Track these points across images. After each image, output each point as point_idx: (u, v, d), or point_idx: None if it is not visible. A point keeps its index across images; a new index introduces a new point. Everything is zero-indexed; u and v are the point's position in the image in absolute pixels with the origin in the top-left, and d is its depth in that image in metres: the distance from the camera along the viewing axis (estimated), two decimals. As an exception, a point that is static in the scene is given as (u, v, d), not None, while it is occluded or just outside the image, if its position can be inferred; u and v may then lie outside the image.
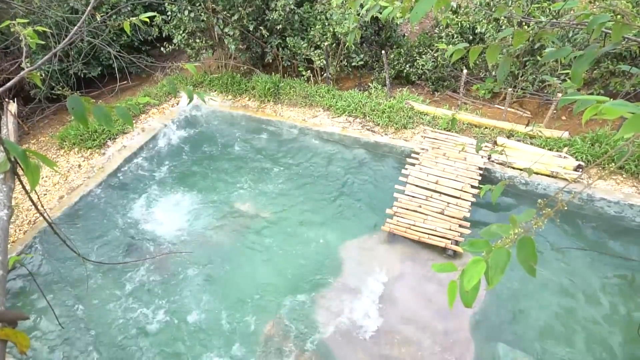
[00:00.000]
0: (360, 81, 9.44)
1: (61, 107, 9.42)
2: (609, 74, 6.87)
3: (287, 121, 8.25)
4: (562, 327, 5.03)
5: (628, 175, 6.36)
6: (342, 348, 4.95)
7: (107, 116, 2.15)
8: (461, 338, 4.97)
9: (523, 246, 1.33)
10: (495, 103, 8.25)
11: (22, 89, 8.90)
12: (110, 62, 8.75)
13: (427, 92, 8.90)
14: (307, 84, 8.91)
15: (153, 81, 10.36)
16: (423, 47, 8.72)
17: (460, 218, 6.05)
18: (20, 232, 6.49)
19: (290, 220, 6.65)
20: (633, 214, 5.97)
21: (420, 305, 5.33)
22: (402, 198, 6.40)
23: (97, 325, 5.42)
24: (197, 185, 7.42)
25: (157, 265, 6.03)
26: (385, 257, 5.94)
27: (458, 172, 6.57)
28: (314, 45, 8.63)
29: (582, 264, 5.65)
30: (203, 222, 6.71)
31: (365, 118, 8.08)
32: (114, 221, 6.81)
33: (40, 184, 7.41)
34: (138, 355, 5.05)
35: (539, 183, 6.39)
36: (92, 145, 8.06)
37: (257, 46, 9.09)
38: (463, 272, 1.39)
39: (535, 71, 7.35)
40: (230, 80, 9.31)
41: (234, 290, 5.69)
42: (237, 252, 6.22)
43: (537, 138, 6.95)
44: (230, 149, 8.21)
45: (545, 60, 2.61)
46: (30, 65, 2.11)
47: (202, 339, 5.19)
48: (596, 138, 6.68)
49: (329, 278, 5.74)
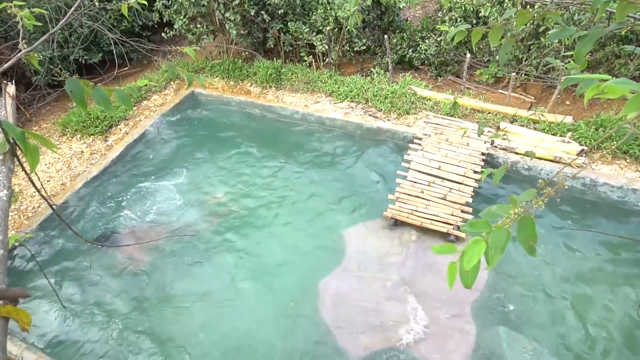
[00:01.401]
0: (363, 66, 9.36)
1: (63, 93, 9.41)
2: (614, 56, 6.78)
3: (289, 107, 8.21)
4: (566, 311, 5.05)
5: (632, 159, 6.32)
6: (342, 331, 5.00)
7: (106, 99, 2.14)
8: (462, 322, 5.01)
9: (523, 226, 1.33)
10: (498, 88, 8.17)
11: (24, 75, 8.88)
12: (111, 49, 8.70)
13: (430, 77, 8.83)
14: (309, 70, 8.85)
15: (154, 67, 10.31)
16: (426, 31, 8.62)
17: (462, 204, 6.05)
18: (24, 218, 6.54)
19: (293, 206, 6.66)
20: (636, 199, 5.94)
21: (422, 290, 5.36)
22: (404, 184, 6.39)
23: (98, 306, 5.48)
24: (195, 172, 7.43)
25: (157, 247, 6.08)
26: (386, 242, 5.95)
27: (460, 158, 6.55)
28: (316, 30, 8.54)
29: (586, 248, 5.66)
30: (197, 209, 6.74)
31: (368, 104, 8.03)
32: (116, 206, 6.84)
33: (44, 170, 7.44)
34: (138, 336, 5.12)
35: (542, 168, 6.37)
36: (94, 132, 8.06)
37: (258, 31, 9.00)
38: (463, 253, 1.39)
39: (539, 55, 7.27)
40: (231, 66, 9.25)
41: (238, 267, 5.74)
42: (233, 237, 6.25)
43: (540, 123, 6.90)
44: (231, 135, 8.19)
45: (549, 41, 2.58)
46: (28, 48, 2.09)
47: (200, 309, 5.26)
48: (600, 122, 6.62)
49: (330, 263, 5.77)
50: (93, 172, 7.23)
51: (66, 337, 5.19)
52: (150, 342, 5.07)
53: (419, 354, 4.75)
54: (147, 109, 8.75)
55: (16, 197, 6.88)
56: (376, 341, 4.91)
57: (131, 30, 9.80)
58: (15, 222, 6.47)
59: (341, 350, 4.81)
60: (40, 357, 4.72)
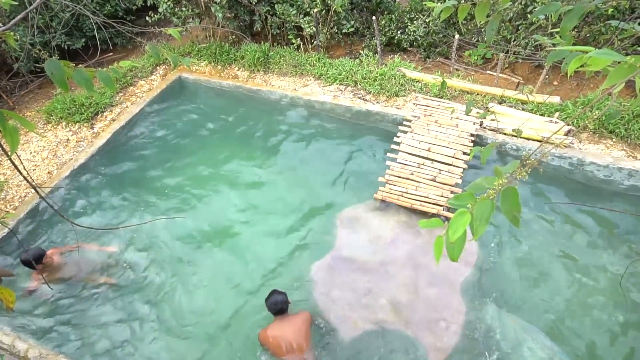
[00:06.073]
0: (351, 49, 9.29)
1: (46, 80, 9.21)
2: (600, 35, 6.80)
3: (277, 91, 8.14)
4: (555, 287, 5.16)
5: (617, 139, 6.40)
6: (334, 311, 5.05)
7: (87, 80, 2.10)
8: (453, 301, 5.09)
9: (507, 196, 1.34)
10: (487, 69, 8.17)
11: (5, 62, 8.67)
12: (94, 34, 8.51)
13: (419, 59, 8.79)
14: (297, 53, 8.76)
15: (140, 52, 10.14)
16: (414, 12, 8.56)
17: (452, 185, 6.09)
18: (10, 208, 6.46)
19: (282, 190, 6.66)
20: (621, 177, 6.03)
21: (413, 270, 5.42)
22: (394, 166, 6.41)
23: (84, 289, 5.47)
24: (184, 154, 7.38)
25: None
26: (377, 224, 5.99)
27: (450, 139, 6.57)
28: (304, 12, 8.43)
29: (575, 223, 5.76)
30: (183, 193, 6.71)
31: (357, 86, 7.99)
32: (105, 192, 6.77)
33: (29, 159, 7.33)
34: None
35: (530, 149, 6.42)
36: (79, 119, 7.93)
37: (245, 14, 8.86)
38: (449, 225, 1.41)
39: (527, 35, 7.26)
40: (218, 50, 9.12)
41: (222, 247, 5.76)
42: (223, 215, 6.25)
43: (528, 103, 6.93)
44: (218, 121, 8.12)
45: (535, 17, 2.58)
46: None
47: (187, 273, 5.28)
48: (587, 102, 6.67)
49: (322, 246, 5.80)
50: (80, 159, 7.14)
51: (52, 320, 5.18)
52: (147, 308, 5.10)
53: (412, 332, 4.83)
54: (133, 95, 8.61)
55: (1, 186, 6.77)
56: (367, 321, 4.98)
57: (114, 14, 9.58)
58: (2, 212, 6.38)
59: (333, 329, 4.87)
60: (31, 346, 4.71)
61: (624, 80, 1.36)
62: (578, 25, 6.85)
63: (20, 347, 4.68)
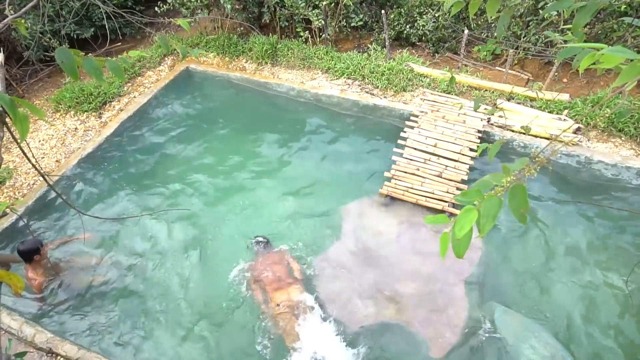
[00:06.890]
0: (360, 42, 9.23)
1: (55, 69, 9.26)
2: (612, 32, 6.72)
3: (285, 84, 8.12)
4: (559, 285, 5.15)
5: (627, 137, 6.34)
6: (337, 305, 5.07)
7: (97, 69, 2.11)
8: (456, 297, 5.09)
9: (515, 194, 1.34)
10: (496, 65, 8.10)
11: (15, 50, 8.71)
12: (104, 23, 8.52)
13: (428, 54, 8.73)
14: (305, 46, 8.72)
15: (148, 43, 10.14)
16: (424, 6, 8.48)
17: (457, 181, 6.07)
18: (19, 195, 6.52)
19: (288, 182, 6.67)
20: (629, 176, 5.98)
21: (416, 266, 5.43)
22: (400, 161, 6.39)
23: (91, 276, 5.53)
24: (191, 145, 7.40)
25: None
26: (382, 219, 5.99)
27: (457, 135, 6.54)
28: (312, 5, 8.38)
29: (582, 224, 5.73)
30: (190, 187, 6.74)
31: (364, 80, 7.96)
32: (112, 181, 6.82)
33: (37, 147, 7.38)
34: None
35: (537, 146, 6.37)
36: (88, 108, 7.97)
37: (253, 5, 8.82)
38: (455, 221, 1.41)
39: (538, 31, 7.18)
40: (226, 42, 9.10)
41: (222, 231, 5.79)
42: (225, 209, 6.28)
43: (537, 101, 6.88)
44: (225, 113, 8.13)
45: (547, 13, 2.54)
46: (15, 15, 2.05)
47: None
48: (597, 100, 6.60)
49: (327, 239, 5.81)
50: (88, 148, 7.18)
51: (59, 307, 5.25)
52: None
53: (414, 327, 4.85)
54: (141, 85, 8.63)
55: (10, 173, 6.83)
56: (370, 314, 5.00)
57: (124, 4, 9.58)
58: (11, 199, 6.45)
59: (336, 321, 4.89)
60: (38, 331, 4.77)
61: (637, 79, 1.35)
62: (590, 22, 6.76)
63: (27, 332, 4.75)
